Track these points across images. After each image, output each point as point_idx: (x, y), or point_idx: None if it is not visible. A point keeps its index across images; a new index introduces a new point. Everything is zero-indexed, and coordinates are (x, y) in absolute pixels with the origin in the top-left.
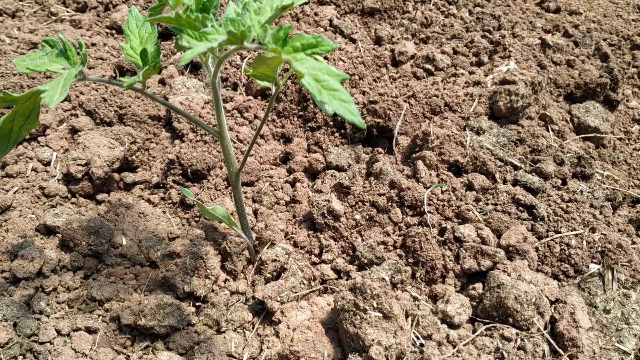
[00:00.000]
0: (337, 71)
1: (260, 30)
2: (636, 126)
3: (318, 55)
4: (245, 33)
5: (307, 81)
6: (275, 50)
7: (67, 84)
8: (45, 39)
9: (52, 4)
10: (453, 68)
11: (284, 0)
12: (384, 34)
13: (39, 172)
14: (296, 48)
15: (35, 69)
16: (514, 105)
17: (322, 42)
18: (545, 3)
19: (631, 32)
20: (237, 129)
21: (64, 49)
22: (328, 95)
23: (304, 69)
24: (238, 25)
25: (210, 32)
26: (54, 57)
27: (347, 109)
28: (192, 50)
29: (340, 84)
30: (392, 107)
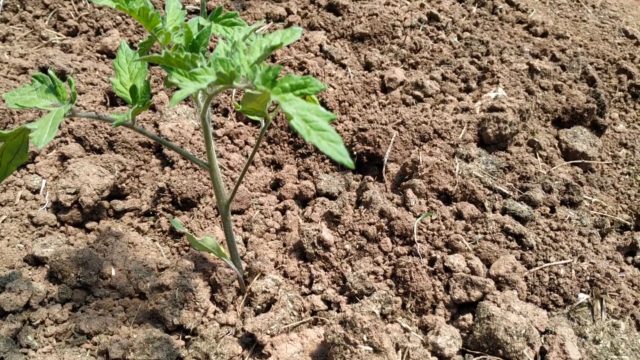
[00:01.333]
0: (325, 111)
1: (250, 70)
2: (623, 150)
3: (307, 95)
4: (234, 74)
5: (296, 122)
6: (264, 91)
7: (55, 123)
8: (35, 74)
9: (43, 28)
10: (442, 94)
11: (272, 41)
12: (373, 60)
13: (27, 200)
14: (285, 89)
15: (24, 105)
16: (503, 133)
17: (310, 83)
18: (533, 27)
19: (617, 56)
20: (228, 156)
21: (53, 84)
22: (317, 135)
23: (292, 109)
24: (227, 65)
25: (200, 72)
26: (43, 92)
27: (336, 149)
28: (182, 91)
29: (328, 124)
30: (382, 135)
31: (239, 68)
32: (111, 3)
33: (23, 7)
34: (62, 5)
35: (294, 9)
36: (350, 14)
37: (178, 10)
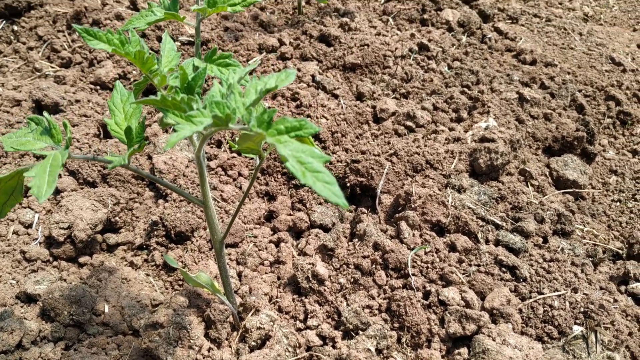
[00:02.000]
0: (320, 153)
1: (245, 113)
2: (613, 177)
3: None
4: (230, 116)
5: (292, 164)
6: (259, 134)
7: (54, 172)
8: (30, 116)
9: (37, 60)
10: (433, 124)
11: (267, 84)
12: (365, 90)
13: (20, 235)
14: (280, 131)
15: (20, 149)
16: (494, 163)
17: (305, 125)
18: (522, 55)
19: (605, 83)
20: (222, 188)
21: (48, 126)
22: (312, 177)
23: (287, 151)
24: (223, 108)
25: (196, 115)
26: (38, 135)
27: (331, 190)
28: (178, 134)
29: (323, 166)
30: (375, 166)
31: (234, 110)
32: (107, 47)
33: (17, 39)
34: (56, 37)
35: (286, 39)
36: (342, 45)
37: (173, 52)
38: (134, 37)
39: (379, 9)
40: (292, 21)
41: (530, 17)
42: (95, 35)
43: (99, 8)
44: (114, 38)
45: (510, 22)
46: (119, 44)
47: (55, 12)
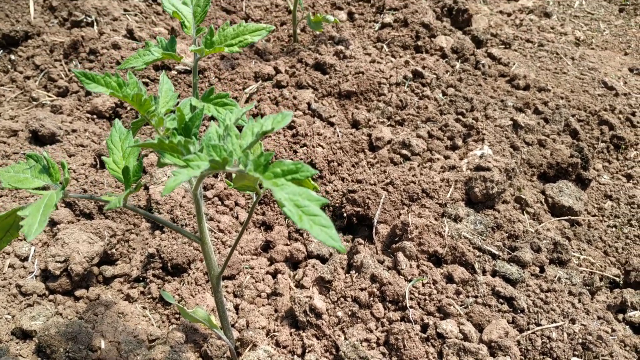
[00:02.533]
0: (316, 196)
1: (242, 155)
2: (609, 202)
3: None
4: (227, 159)
5: (289, 208)
6: (256, 178)
7: (47, 212)
8: (29, 153)
9: (34, 89)
10: (429, 152)
11: (264, 126)
12: (360, 118)
13: (16, 268)
14: (277, 174)
15: (17, 186)
16: (490, 192)
17: (301, 169)
18: (515, 81)
19: (598, 107)
20: (218, 218)
21: (47, 165)
22: (309, 221)
23: (284, 194)
24: (220, 152)
25: (193, 159)
26: (36, 172)
27: (328, 234)
28: (175, 178)
29: (320, 209)
30: (371, 196)
31: (231, 153)
32: (105, 90)
33: (14, 68)
34: (53, 66)
35: (282, 67)
36: (337, 73)
37: (171, 92)
38: (131, 79)
39: (373, 35)
40: (287, 49)
41: (523, 42)
42: (93, 79)
43: (96, 37)
44: (112, 81)
45: (503, 47)
46: (116, 86)
47: (53, 41)
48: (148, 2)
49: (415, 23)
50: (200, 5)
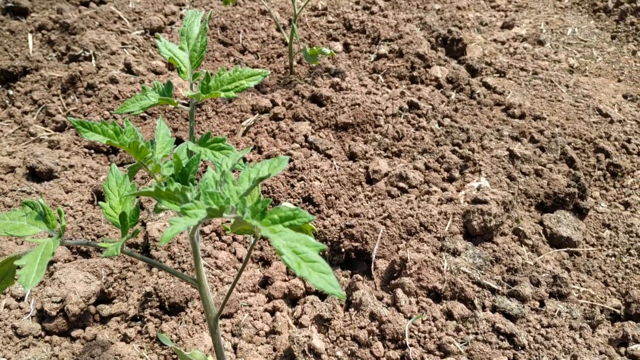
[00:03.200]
0: (314, 241)
1: (239, 202)
2: (607, 231)
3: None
4: (224, 207)
5: (287, 256)
6: (254, 225)
7: (44, 261)
8: (25, 201)
9: (31, 124)
10: (426, 185)
11: (260, 172)
12: (357, 150)
13: (12, 309)
14: (274, 220)
15: (13, 234)
16: (488, 225)
17: (299, 215)
18: (511, 109)
19: (593, 135)
20: (216, 254)
21: (43, 212)
22: (307, 267)
23: (282, 241)
24: (217, 199)
25: (190, 207)
26: (33, 219)
27: (327, 280)
28: (172, 228)
29: (318, 254)
30: (369, 231)
31: (228, 200)
32: (102, 139)
33: (12, 103)
34: (51, 101)
35: (279, 100)
36: (334, 105)
37: (167, 137)
38: (128, 126)
39: (369, 66)
40: (284, 81)
41: (518, 71)
42: (90, 127)
43: (94, 72)
44: (109, 129)
45: (498, 75)
46: (113, 134)
47: (51, 76)
48: (146, 35)
49: (410, 54)
50: (196, 51)
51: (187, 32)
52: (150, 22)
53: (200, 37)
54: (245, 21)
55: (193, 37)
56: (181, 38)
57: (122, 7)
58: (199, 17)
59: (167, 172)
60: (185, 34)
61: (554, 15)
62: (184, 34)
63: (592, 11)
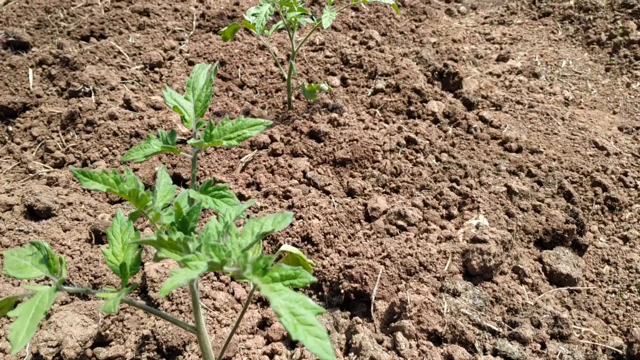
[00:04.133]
0: (313, 304)
1: (241, 256)
2: (606, 267)
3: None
4: (226, 260)
5: (285, 318)
6: (253, 280)
7: (37, 317)
8: (33, 241)
9: (30, 160)
10: (425, 223)
11: (264, 227)
12: (356, 186)
13: (7, 353)
14: (275, 278)
15: (17, 276)
16: (487, 265)
17: (300, 275)
18: (508, 143)
19: (590, 169)
20: (214, 295)
21: (47, 255)
22: (304, 331)
23: (281, 301)
24: (219, 252)
25: (192, 259)
26: (37, 262)
27: (322, 346)
28: (173, 280)
29: (316, 318)
30: (368, 271)
31: (229, 253)
32: (102, 187)
33: (11, 139)
34: (50, 137)
35: (277, 136)
36: (332, 140)
37: (168, 186)
38: (129, 175)
39: (366, 101)
40: (282, 116)
41: (514, 104)
42: (90, 176)
43: (93, 108)
44: (109, 177)
45: (494, 109)
46: (113, 183)
47: (50, 112)
48: (145, 70)
49: (407, 88)
50: (201, 100)
51: (193, 84)
52: (149, 57)
53: (205, 87)
54: (244, 56)
55: (198, 87)
56: (187, 89)
57: (122, 41)
58: (205, 70)
59: (167, 221)
60: (191, 85)
61: (548, 47)
62: (190, 84)
63: (586, 44)
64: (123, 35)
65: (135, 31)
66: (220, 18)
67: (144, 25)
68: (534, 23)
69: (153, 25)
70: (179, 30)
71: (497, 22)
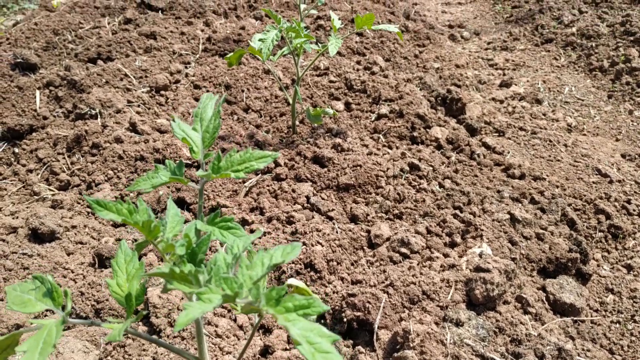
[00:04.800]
0: (327, 332)
1: (253, 288)
2: (610, 296)
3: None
4: (238, 293)
5: (303, 347)
6: (268, 311)
7: (45, 352)
8: (35, 275)
9: (35, 182)
10: (428, 250)
11: (273, 258)
12: (359, 212)
13: None
14: (288, 309)
15: (21, 310)
16: (490, 295)
17: (313, 304)
18: (511, 170)
19: (593, 196)
20: (216, 322)
21: (50, 289)
22: (322, 358)
23: (297, 330)
24: (232, 285)
25: (205, 292)
26: (40, 295)
27: None
28: (187, 314)
29: (331, 345)
30: (371, 300)
31: (241, 285)
32: (117, 217)
33: (17, 161)
34: (56, 160)
35: (281, 160)
36: (335, 166)
37: (177, 217)
38: (141, 205)
39: (370, 126)
40: (287, 140)
41: (517, 130)
42: (105, 206)
43: (99, 131)
44: (123, 208)
45: (497, 135)
46: (127, 213)
47: (56, 135)
48: (151, 93)
49: (410, 114)
50: (209, 132)
51: (201, 114)
52: (155, 80)
53: (213, 119)
54: (249, 80)
55: (206, 119)
56: (195, 119)
57: (129, 64)
58: (213, 100)
59: (180, 252)
60: (199, 115)
61: (551, 73)
62: (198, 115)
63: (588, 70)
64: (130, 58)
65: (142, 54)
66: (226, 42)
67: (150, 48)
68: (537, 49)
69: (160, 49)
70: (185, 53)
71: (500, 48)
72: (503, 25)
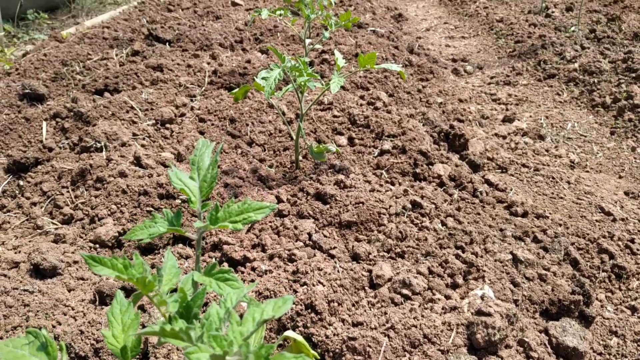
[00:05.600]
0: None
1: (243, 344)
2: (614, 339)
3: None
4: (227, 352)
5: None
6: None
7: None
8: (29, 330)
9: (39, 216)
10: (430, 292)
11: (264, 313)
12: (361, 251)
13: None
14: None
15: None
16: (492, 339)
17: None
18: (513, 207)
19: (597, 235)
20: None
21: (45, 343)
22: None
23: None
24: (221, 342)
25: (194, 351)
26: (34, 350)
27: None
28: None
29: None
30: (372, 344)
31: (231, 342)
32: (112, 273)
33: (22, 194)
34: (60, 193)
35: (284, 196)
36: (338, 203)
37: (174, 269)
38: (137, 259)
39: (372, 162)
40: (289, 176)
41: (519, 167)
42: (100, 262)
43: (104, 165)
44: (118, 263)
45: (500, 171)
46: (122, 268)
47: (61, 168)
48: (156, 126)
49: (413, 150)
50: (206, 181)
51: (198, 162)
52: (161, 113)
53: (210, 168)
54: (253, 114)
55: (204, 168)
56: (192, 167)
57: (135, 97)
58: (210, 148)
59: (172, 309)
60: (196, 164)
61: (554, 109)
62: (195, 163)
63: (591, 106)
64: (136, 90)
65: (149, 86)
66: (232, 75)
67: (157, 80)
68: (540, 84)
69: (166, 81)
70: (191, 86)
71: (503, 83)
72: (506, 60)
